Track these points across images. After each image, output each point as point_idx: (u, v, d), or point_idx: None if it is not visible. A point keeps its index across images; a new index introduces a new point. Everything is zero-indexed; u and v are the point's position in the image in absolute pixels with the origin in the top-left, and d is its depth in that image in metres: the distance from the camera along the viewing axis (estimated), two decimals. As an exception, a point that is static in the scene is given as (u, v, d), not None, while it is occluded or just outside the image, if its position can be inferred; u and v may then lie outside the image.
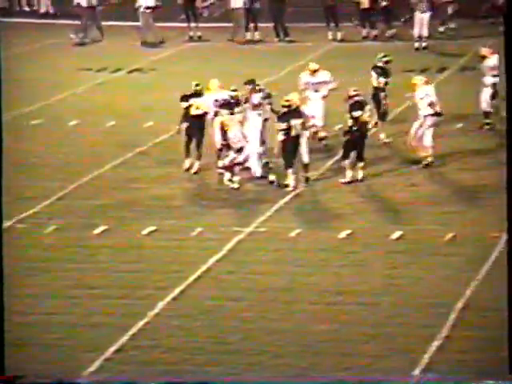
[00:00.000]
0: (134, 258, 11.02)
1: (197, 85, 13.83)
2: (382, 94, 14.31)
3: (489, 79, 14.58)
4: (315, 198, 12.86)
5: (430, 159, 13.55)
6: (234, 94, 13.36)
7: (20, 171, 13.40)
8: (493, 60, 14.55)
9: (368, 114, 13.11)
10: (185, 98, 13.77)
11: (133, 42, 22.06)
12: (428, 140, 13.54)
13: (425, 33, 21.03)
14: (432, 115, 13.49)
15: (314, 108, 13.94)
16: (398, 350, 8.92)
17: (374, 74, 14.33)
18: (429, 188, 13.05)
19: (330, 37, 22.09)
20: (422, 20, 21.05)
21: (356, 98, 13.05)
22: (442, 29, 21.73)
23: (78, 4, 21.95)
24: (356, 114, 12.94)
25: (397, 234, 11.50)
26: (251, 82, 13.70)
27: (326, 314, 9.65)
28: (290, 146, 12.87)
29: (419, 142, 13.58)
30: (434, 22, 21.32)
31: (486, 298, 9.87)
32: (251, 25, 22.15)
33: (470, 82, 14.56)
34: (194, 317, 9.64)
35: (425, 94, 13.48)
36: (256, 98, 13.53)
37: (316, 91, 13.93)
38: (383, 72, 14.39)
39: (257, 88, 13.55)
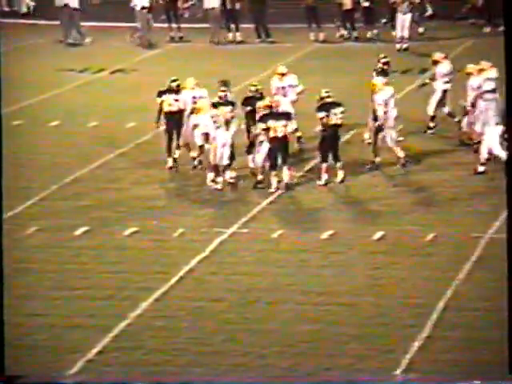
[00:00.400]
0: (116, 259, 11.01)
1: (173, 81, 13.80)
2: None
3: (440, 85, 14.54)
4: (297, 199, 12.89)
5: (402, 161, 13.61)
6: (255, 88, 13.49)
7: (1, 172, 13.33)
8: (445, 66, 14.54)
9: (340, 116, 13.09)
10: (160, 93, 13.77)
11: (115, 42, 22.03)
12: (391, 141, 13.57)
13: (406, 34, 21.15)
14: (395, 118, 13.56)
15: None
16: (380, 350, 8.97)
17: (374, 75, 14.33)
18: (410, 189, 13.12)
19: (312, 38, 22.16)
20: (403, 21, 21.17)
21: (326, 100, 13.06)
22: (421, 29, 21.84)
23: (66, 5, 21.85)
24: (321, 115, 12.95)
25: (378, 234, 11.56)
26: (225, 82, 13.69)
27: (309, 314, 9.68)
28: (273, 147, 12.91)
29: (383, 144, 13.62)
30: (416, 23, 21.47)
31: (467, 298, 9.95)
32: (232, 26, 22.18)
33: (452, 82, 14.64)
34: (177, 318, 9.65)
35: (386, 97, 13.49)
36: (231, 98, 13.55)
37: (284, 96, 13.86)
38: (383, 73, 14.39)
39: (227, 89, 13.52)
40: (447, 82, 14.49)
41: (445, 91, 14.56)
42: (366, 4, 21.61)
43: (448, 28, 22.31)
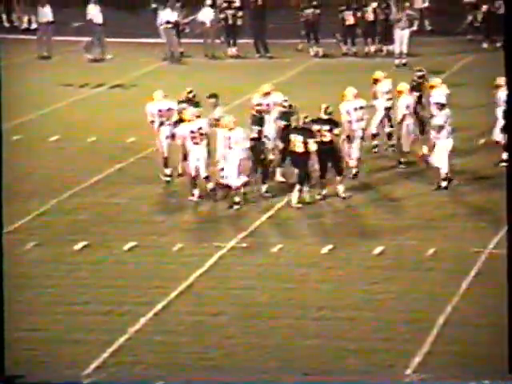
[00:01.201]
0: (116, 274, 11.01)
1: (189, 92, 14.10)
2: (418, 107, 14.29)
3: (381, 103, 14.58)
4: (296, 214, 12.90)
5: (354, 171, 13.73)
6: (287, 103, 13.55)
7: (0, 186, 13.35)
8: (386, 84, 14.57)
9: (337, 131, 13.08)
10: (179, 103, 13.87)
11: (115, 58, 22.14)
12: (355, 152, 13.66)
13: (404, 49, 21.29)
14: (362, 129, 13.67)
15: (267, 130, 13.69)
16: (380, 365, 8.97)
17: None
18: (409, 204, 13.14)
19: (312, 53, 22.28)
20: (401, 37, 21.33)
21: (321, 115, 13.06)
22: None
23: (90, 20, 22.03)
24: (316, 127, 12.97)
25: (378, 249, 11.57)
26: (214, 95, 13.72)
27: (308, 329, 9.69)
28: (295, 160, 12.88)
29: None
30: (414, 38, 21.59)
31: (467, 313, 9.95)
32: (231, 41, 22.35)
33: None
34: (176, 332, 9.65)
35: (356, 106, 13.62)
36: (218, 111, 13.59)
37: (267, 113, 13.80)
38: (417, 86, 14.43)
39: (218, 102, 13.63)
40: (389, 100, 14.54)
41: (387, 109, 14.60)
42: (371, 18, 21.76)
43: (447, 44, 22.45)
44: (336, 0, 22.37)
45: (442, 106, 13.40)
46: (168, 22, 21.88)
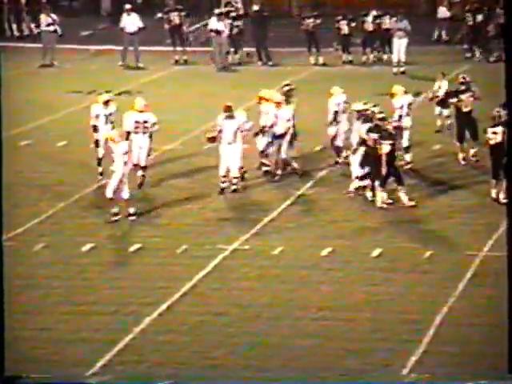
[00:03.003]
0: (121, 275, 11.20)
1: (286, 84, 14.60)
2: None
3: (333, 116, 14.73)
4: (297, 217, 13.09)
5: (278, 172, 14.14)
6: (381, 115, 13.52)
7: (9, 190, 13.59)
8: (341, 97, 14.75)
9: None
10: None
11: (121, 64, 22.43)
12: (283, 152, 14.06)
13: (402, 58, 21.56)
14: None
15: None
16: (378, 365, 9.14)
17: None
18: (407, 207, 13.32)
19: (312, 61, 22.54)
20: (399, 46, 21.61)
21: (377, 122, 13.22)
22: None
23: (122, 29, 22.33)
24: (373, 136, 13.13)
25: (376, 251, 11.78)
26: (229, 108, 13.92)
27: (308, 329, 9.86)
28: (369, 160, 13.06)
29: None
30: (412, 47, 21.85)
31: (463, 314, 10.12)
32: (232, 49, 22.61)
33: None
34: (180, 332, 9.82)
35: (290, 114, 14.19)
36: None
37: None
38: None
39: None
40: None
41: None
42: (371, 28, 22.06)
43: (444, 53, 22.66)
44: (335, 10, 22.66)
45: (359, 113, 13.62)
46: (218, 32, 21.89)
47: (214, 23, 22.34)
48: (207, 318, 10.08)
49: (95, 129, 14.41)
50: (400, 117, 14.62)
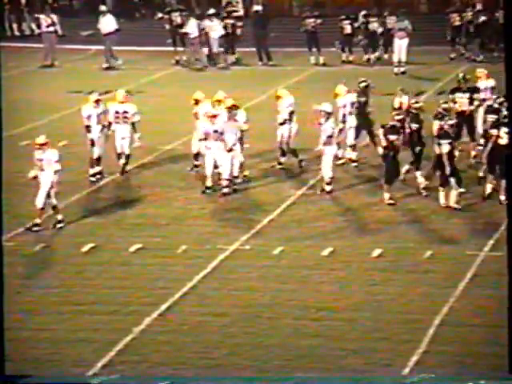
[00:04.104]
0: (121, 275, 11.22)
1: (361, 82, 14.82)
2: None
3: (284, 117, 14.68)
4: (298, 217, 13.10)
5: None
6: (398, 117, 13.59)
7: (9, 190, 13.61)
8: (289, 100, 14.71)
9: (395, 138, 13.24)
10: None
11: (123, 65, 22.45)
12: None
13: (403, 58, 21.59)
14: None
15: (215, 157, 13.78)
16: (378, 364, 9.16)
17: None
18: (407, 207, 13.35)
19: (312, 61, 22.56)
20: (400, 46, 21.65)
21: (392, 123, 13.26)
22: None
23: (98, 30, 22.46)
24: (392, 137, 13.14)
25: (376, 252, 11.80)
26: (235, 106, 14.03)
27: (309, 329, 9.88)
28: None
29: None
30: (413, 48, 21.89)
31: (463, 314, 10.14)
32: (230, 49, 22.66)
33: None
34: (180, 332, 9.84)
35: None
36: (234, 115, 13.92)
37: (216, 140, 13.73)
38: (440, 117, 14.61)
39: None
40: (292, 113, 14.70)
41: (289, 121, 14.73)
42: (374, 28, 22.14)
43: (445, 52, 22.67)
44: (335, 10, 22.73)
45: (328, 115, 13.63)
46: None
47: (207, 23, 22.45)
48: (207, 318, 10.11)
49: (88, 129, 14.46)
50: (344, 116, 14.62)
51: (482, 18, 22.32)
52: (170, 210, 13.52)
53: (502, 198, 12.98)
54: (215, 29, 22.33)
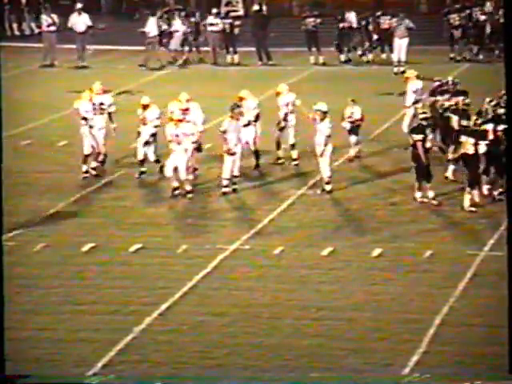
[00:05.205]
0: (122, 275, 11.23)
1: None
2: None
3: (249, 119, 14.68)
4: (298, 217, 13.12)
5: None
6: (424, 115, 13.49)
7: (10, 190, 13.63)
8: (252, 102, 14.67)
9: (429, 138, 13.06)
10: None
11: (121, 65, 22.46)
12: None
13: (403, 58, 21.61)
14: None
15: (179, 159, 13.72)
16: (378, 364, 9.16)
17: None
18: (407, 207, 13.37)
19: (312, 61, 22.58)
20: (400, 46, 21.67)
21: (422, 122, 13.12)
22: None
23: (71, 28, 22.51)
24: (417, 137, 13.00)
25: (376, 251, 11.81)
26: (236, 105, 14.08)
27: (309, 329, 9.89)
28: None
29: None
30: (413, 47, 21.92)
31: (463, 314, 10.15)
32: (231, 49, 22.68)
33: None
34: (181, 332, 9.85)
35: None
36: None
37: (179, 144, 13.70)
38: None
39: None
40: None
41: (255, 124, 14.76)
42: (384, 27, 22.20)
43: (445, 52, 22.69)
44: (336, 10, 22.77)
45: (324, 114, 13.61)
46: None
47: (209, 22, 22.49)
48: (207, 318, 10.11)
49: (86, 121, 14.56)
50: (286, 114, 14.59)
51: (483, 18, 22.34)
52: (169, 210, 13.53)
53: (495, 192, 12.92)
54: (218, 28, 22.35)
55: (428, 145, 13.11)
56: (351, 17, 22.21)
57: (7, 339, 8.18)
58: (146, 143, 14.27)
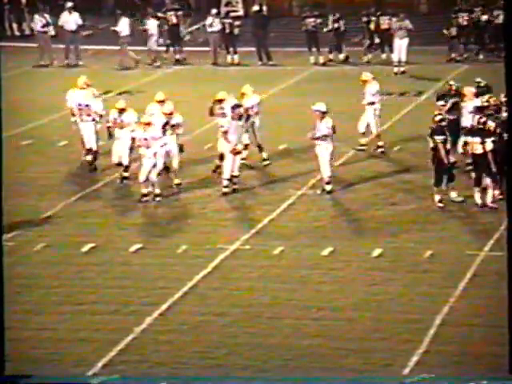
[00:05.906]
0: (122, 275, 11.25)
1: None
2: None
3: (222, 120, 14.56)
4: (298, 217, 13.14)
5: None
6: (439, 117, 13.26)
7: (9, 190, 13.63)
8: (230, 102, 14.60)
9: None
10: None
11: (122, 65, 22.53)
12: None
13: (403, 58, 21.63)
14: None
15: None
16: (379, 364, 9.18)
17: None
18: (407, 207, 13.38)
19: (312, 61, 22.60)
20: (400, 46, 21.70)
21: (441, 123, 12.98)
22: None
23: (61, 27, 22.53)
24: (439, 138, 12.89)
25: (376, 251, 11.82)
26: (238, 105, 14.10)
27: (309, 329, 9.90)
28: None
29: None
30: (413, 48, 21.94)
31: (463, 314, 10.16)
32: (231, 49, 22.71)
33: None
34: (181, 332, 9.86)
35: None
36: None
37: (148, 147, 13.66)
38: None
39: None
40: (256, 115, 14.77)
41: (252, 123, 14.78)
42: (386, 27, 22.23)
43: (445, 52, 22.71)
44: (335, 10, 22.80)
45: (323, 114, 13.59)
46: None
47: (209, 23, 22.53)
48: (207, 318, 10.13)
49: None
50: (248, 117, 14.52)
51: (484, 18, 22.35)
52: (170, 210, 13.54)
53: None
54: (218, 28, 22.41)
55: (448, 146, 12.99)
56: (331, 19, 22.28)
57: (7, 339, 8.19)
58: (131, 149, 14.22)
